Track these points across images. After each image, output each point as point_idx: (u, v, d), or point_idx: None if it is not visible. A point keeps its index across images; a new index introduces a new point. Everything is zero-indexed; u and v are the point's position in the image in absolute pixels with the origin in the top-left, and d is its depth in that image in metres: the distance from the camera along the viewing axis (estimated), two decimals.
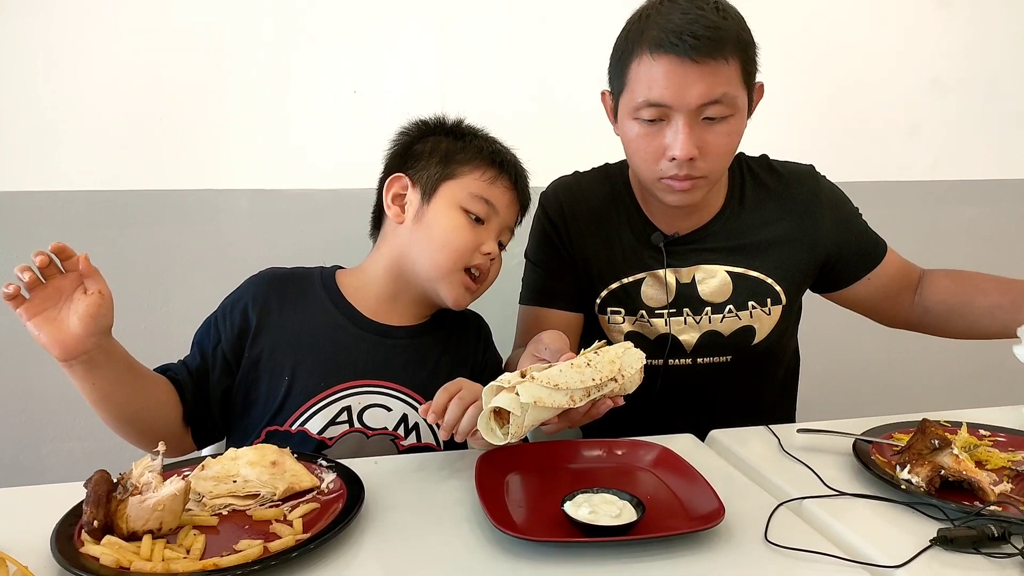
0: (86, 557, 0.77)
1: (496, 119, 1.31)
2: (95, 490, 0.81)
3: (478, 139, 1.27)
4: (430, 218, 1.21)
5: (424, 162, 1.24)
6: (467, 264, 1.21)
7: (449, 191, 1.21)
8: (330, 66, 1.91)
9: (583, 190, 1.41)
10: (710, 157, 1.19)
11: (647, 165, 1.23)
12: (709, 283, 1.34)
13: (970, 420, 1.15)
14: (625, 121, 1.24)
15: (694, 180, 1.21)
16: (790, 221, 1.35)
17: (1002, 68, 2.42)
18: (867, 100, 2.33)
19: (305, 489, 0.95)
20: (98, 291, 0.98)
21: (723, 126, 1.19)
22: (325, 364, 1.20)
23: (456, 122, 1.30)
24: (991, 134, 2.45)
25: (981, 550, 0.82)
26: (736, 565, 0.81)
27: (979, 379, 2.56)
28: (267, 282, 1.26)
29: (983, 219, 2.51)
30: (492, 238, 1.23)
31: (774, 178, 1.38)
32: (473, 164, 1.23)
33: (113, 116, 1.82)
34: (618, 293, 1.37)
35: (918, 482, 0.94)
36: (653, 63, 1.16)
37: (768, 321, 1.35)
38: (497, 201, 1.23)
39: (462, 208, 1.21)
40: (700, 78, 1.14)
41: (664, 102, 1.16)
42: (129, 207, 1.86)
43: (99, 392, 1.05)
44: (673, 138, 1.17)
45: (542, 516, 0.90)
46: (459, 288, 1.21)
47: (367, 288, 1.27)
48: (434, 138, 1.27)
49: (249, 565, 0.76)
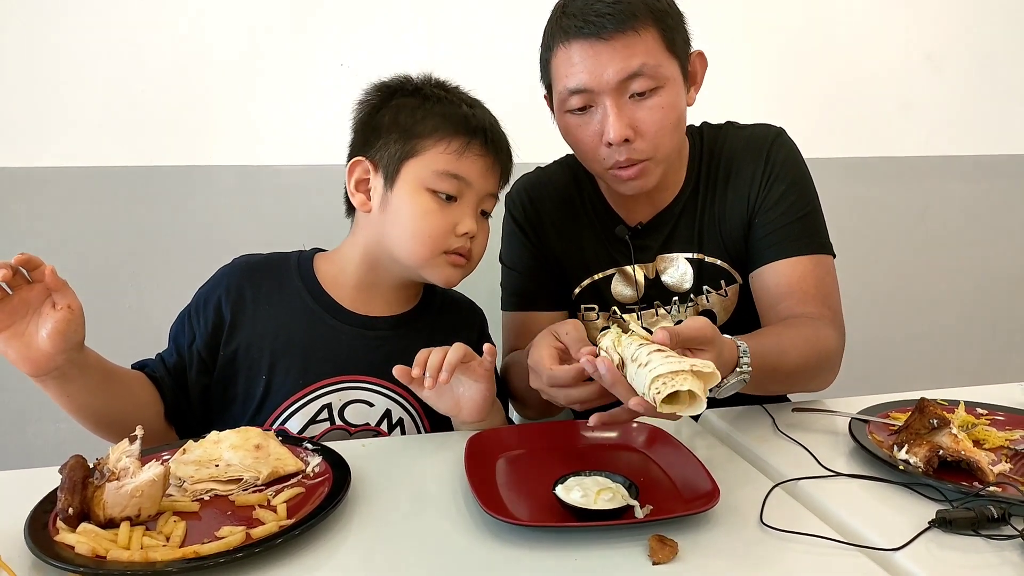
0: (61, 545, 0.75)
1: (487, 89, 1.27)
2: (70, 476, 0.78)
3: (442, 103, 1.15)
4: (396, 205, 1.13)
5: (383, 139, 1.14)
6: (444, 249, 1.13)
7: (412, 172, 1.12)
8: (317, 39, 1.87)
9: (547, 185, 1.38)
10: (647, 136, 1.15)
11: (590, 156, 1.20)
12: (672, 273, 1.32)
13: (968, 399, 1.14)
14: (559, 117, 1.21)
15: (639, 164, 1.17)
16: (738, 190, 1.29)
17: (996, 43, 2.40)
18: (861, 76, 2.31)
19: (290, 473, 0.92)
20: (67, 305, 0.92)
21: (653, 100, 1.14)
22: (303, 361, 1.15)
23: (421, 82, 1.19)
24: (984, 109, 2.44)
25: (980, 532, 0.80)
26: (731, 548, 0.80)
27: (976, 357, 2.57)
28: (240, 273, 1.20)
29: (976, 194, 2.50)
30: (468, 215, 1.14)
31: (729, 146, 1.31)
32: (436, 136, 1.12)
33: (93, 91, 1.78)
34: (590, 289, 1.35)
35: (916, 462, 0.92)
36: (568, 51, 1.14)
37: (727, 303, 1.33)
38: (468, 173, 1.13)
39: (429, 190, 1.12)
40: (613, 54, 1.11)
41: (584, 86, 1.13)
42: (113, 184, 1.83)
43: (75, 403, 1.01)
44: (603, 122, 1.14)
45: (533, 500, 0.88)
46: (445, 269, 1.15)
47: (344, 276, 1.21)
48: (395, 105, 1.16)
49: (231, 552, 0.74)
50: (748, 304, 1.31)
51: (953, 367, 2.54)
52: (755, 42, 2.18)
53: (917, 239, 2.47)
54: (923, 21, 2.33)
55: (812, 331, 1.15)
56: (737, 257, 1.30)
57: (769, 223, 1.25)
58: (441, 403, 1.09)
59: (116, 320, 1.84)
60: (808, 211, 1.27)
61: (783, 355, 1.06)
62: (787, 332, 1.14)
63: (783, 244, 1.24)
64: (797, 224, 1.25)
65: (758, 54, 2.16)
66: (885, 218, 1.32)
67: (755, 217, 1.27)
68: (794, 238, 1.24)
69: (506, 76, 1.96)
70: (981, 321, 2.57)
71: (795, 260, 1.23)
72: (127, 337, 1.16)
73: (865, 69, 2.31)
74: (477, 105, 1.18)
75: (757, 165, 1.27)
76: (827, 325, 1.18)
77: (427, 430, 1.18)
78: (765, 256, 1.25)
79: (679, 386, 0.78)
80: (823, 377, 1.19)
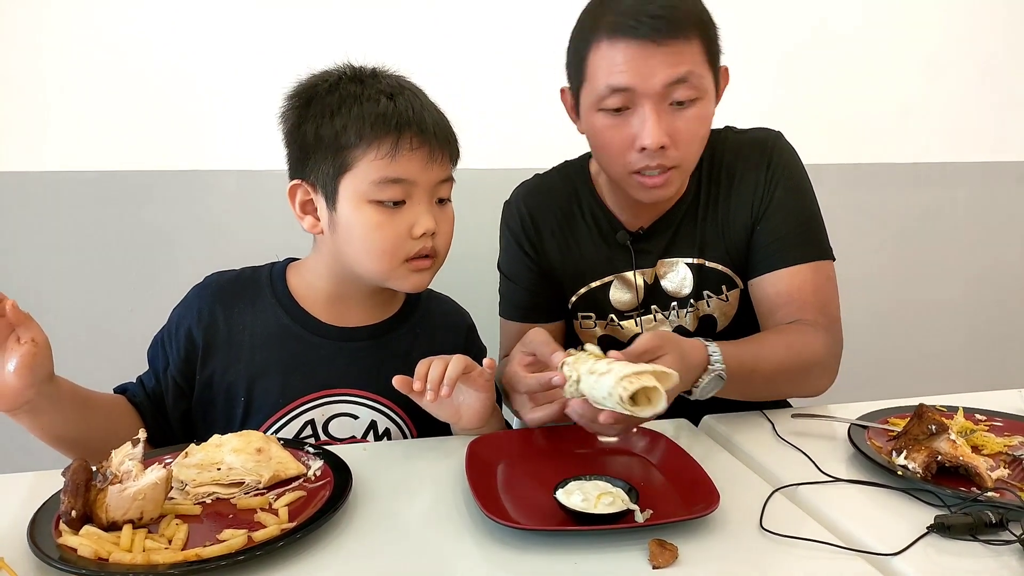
0: (64, 548, 0.75)
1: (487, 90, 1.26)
2: (73, 479, 0.78)
3: (360, 102, 1.05)
4: (343, 223, 1.07)
5: (312, 158, 1.07)
6: (404, 257, 1.07)
7: (350, 187, 1.05)
8: (319, 41, 1.87)
9: (546, 194, 1.37)
10: (682, 144, 1.14)
11: (617, 159, 1.17)
12: (672, 278, 1.31)
13: (966, 405, 1.14)
14: (589, 115, 1.18)
15: (667, 172, 1.16)
16: (739, 196, 1.28)
17: (995, 50, 2.41)
18: (859, 82, 2.32)
19: (291, 477, 0.93)
20: (31, 339, 0.91)
21: (692, 110, 1.14)
22: (282, 379, 1.12)
23: (335, 80, 1.08)
24: (984, 116, 2.45)
25: (978, 537, 0.81)
26: (731, 553, 0.80)
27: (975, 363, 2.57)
28: (212, 294, 1.16)
29: (975, 201, 2.51)
30: (422, 213, 1.06)
31: (731, 151, 1.30)
32: (363, 144, 1.03)
33: (94, 95, 1.79)
34: (587, 297, 1.34)
35: (914, 468, 0.92)
36: (612, 49, 1.11)
37: (727, 308, 1.32)
38: (408, 172, 1.04)
39: (372, 201, 1.04)
40: (663, 59, 1.09)
41: (628, 86, 1.11)
42: (113, 188, 1.83)
43: (49, 434, 1.01)
44: (641, 126, 1.12)
45: (534, 504, 0.89)
46: (410, 278, 1.09)
47: (316, 289, 1.16)
48: (314, 115, 1.07)
49: (233, 555, 0.74)
50: (749, 309, 1.31)
51: (951, 373, 2.54)
52: (754, 48, 2.19)
53: (916, 246, 2.47)
54: (922, 28, 2.34)
55: (796, 336, 1.17)
56: (739, 262, 1.30)
57: (771, 231, 1.26)
58: (441, 412, 1.08)
59: (117, 325, 1.84)
60: (808, 215, 1.28)
61: (760, 359, 1.09)
62: (769, 337, 1.19)
63: (784, 252, 1.24)
64: (798, 231, 1.26)
65: (757, 61, 2.16)
66: (884, 224, 1.32)
67: (758, 223, 1.27)
68: (795, 245, 1.25)
69: (507, 78, 1.98)
70: (980, 327, 2.58)
71: (795, 269, 1.23)
72: (127, 342, 1.15)
73: (864, 75, 2.32)
74: (399, 92, 1.07)
75: (760, 170, 1.27)
76: (817, 331, 1.19)
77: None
78: (766, 264, 1.26)
79: (645, 382, 0.83)
80: (810, 382, 1.20)
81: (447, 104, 1.15)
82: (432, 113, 1.09)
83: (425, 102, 1.10)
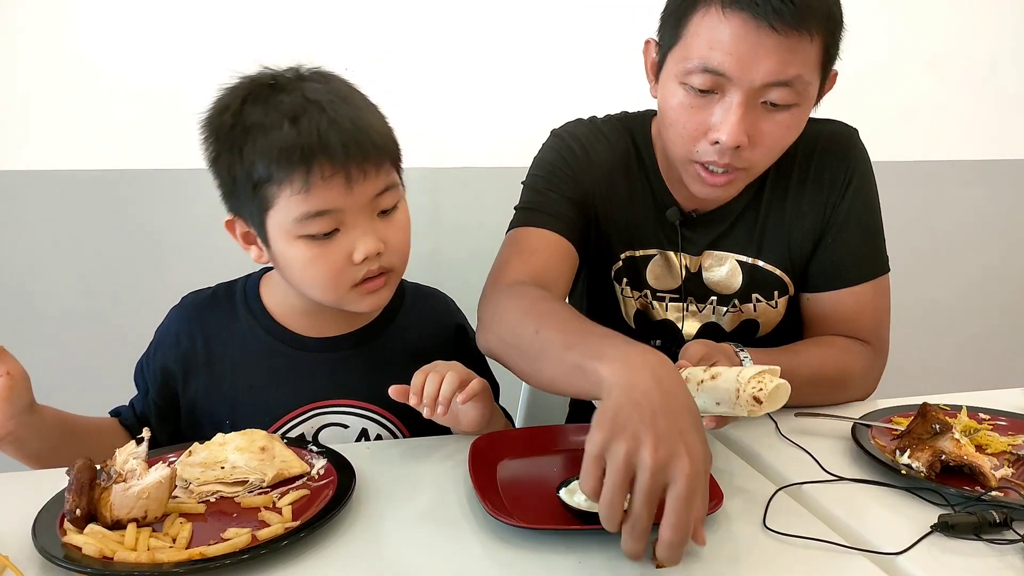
0: (69, 546, 0.75)
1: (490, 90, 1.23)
2: (77, 477, 0.79)
3: (264, 132, 0.94)
4: (281, 260, 1.01)
5: (237, 196, 1.00)
6: (350, 284, 1.01)
7: (276, 225, 0.98)
8: (321, 43, 1.87)
9: (604, 141, 1.23)
10: (760, 149, 1.03)
11: (683, 142, 1.06)
12: (716, 271, 1.22)
13: (970, 404, 1.14)
14: (669, 83, 1.05)
15: (733, 173, 1.05)
16: (812, 197, 1.19)
17: (999, 49, 2.40)
18: (862, 80, 2.30)
19: (295, 475, 0.93)
20: (7, 372, 0.90)
21: (785, 116, 1.02)
22: (266, 398, 1.09)
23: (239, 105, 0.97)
24: (987, 115, 2.44)
25: (982, 536, 0.81)
26: (734, 552, 0.80)
27: (978, 362, 2.56)
28: (188, 319, 1.13)
29: (979, 199, 2.50)
30: (360, 237, 0.98)
31: (805, 144, 1.18)
32: (275, 181, 0.94)
33: (92, 93, 1.79)
34: (629, 264, 1.25)
35: (918, 467, 0.92)
36: (722, 20, 0.97)
37: (773, 315, 1.25)
38: (330, 203, 0.95)
39: (302, 237, 0.97)
40: (774, 52, 0.96)
41: (723, 71, 0.98)
42: (111, 187, 1.84)
43: (37, 461, 1.00)
44: (722, 118, 1.00)
45: (537, 503, 0.88)
46: (364, 300, 1.03)
47: (291, 303, 1.11)
48: (226, 149, 0.98)
49: (237, 554, 0.74)
50: (794, 319, 1.25)
51: (955, 372, 2.54)
52: None
53: (918, 244, 2.47)
54: (925, 26, 2.33)
55: (837, 352, 1.16)
56: (798, 268, 1.22)
57: (841, 244, 1.19)
58: (439, 419, 1.06)
59: (115, 325, 1.85)
60: (877, 228, 1.23)
61: (793, 374, 0.96)
62: (809, 349, 1.16)
63: (850, 271, 1.20)
64: (866, 246, 1.21)
65: None
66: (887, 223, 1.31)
67: (827, 233, 1.20)
68: (861, 263, 1.20)
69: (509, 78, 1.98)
70: (983, 326, 2.57)
71: (859, 289, 1.20)
72: (126, 343, 1.15)
73: (866, 74, 2.31)
74: (303, 111, 0.95)
75: (838, 171, 1.19)
76: (863, 350, 1.19)
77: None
78: (829, 282, 1.20)
79: (776, 381, 0.85)
80: (841, 396, 1.18)
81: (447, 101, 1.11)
82: (345, 126, 0.95)
83: (336, 114, 0.95)
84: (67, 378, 1.14)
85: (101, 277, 1.87)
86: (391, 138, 1.03)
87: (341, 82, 1.03)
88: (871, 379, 1.22)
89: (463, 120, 1.90)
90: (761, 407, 0.85)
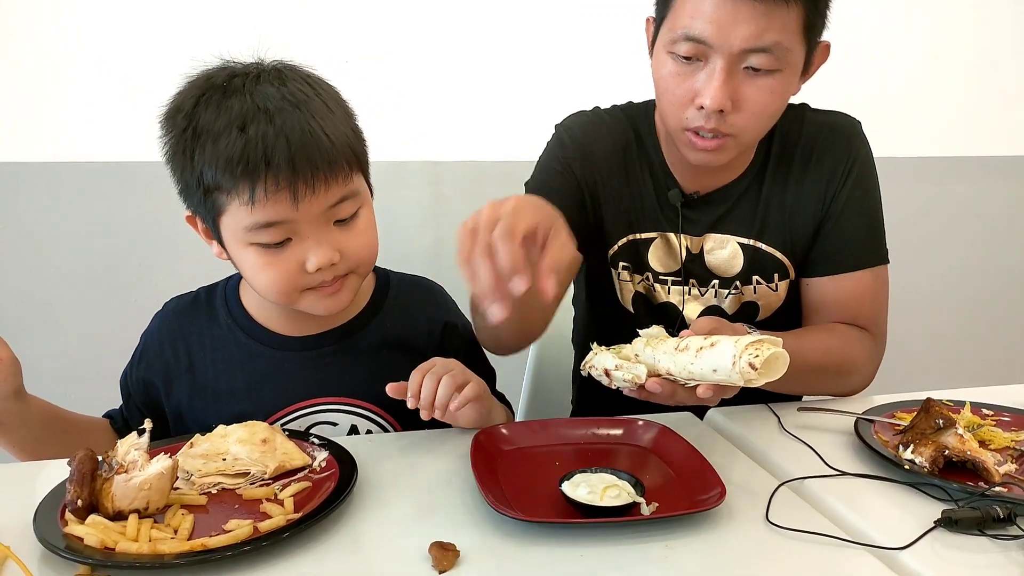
0: (70, 537, 0.75)
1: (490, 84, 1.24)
2: (79, 468, 0.78)
3: (214, 139, 0.92)
4: (236, 262, 1.01)
5: (191, 198, 0.99)
6: (303, 289, 0.99)
7: (228, 229, 0.97)
8: (323, 38, 1.87)
9: (605, 127, 1.27)
10: (744, 113, 1.06)
11: (673, 109, 1.10)
12: (718, 254, 1.24)
13: (973, 399, 1.14)
14: (660, 54, 1.10)
15: (722, 139, 1.09)
16: (813, 182, 1.22)
17: (1000, 44, 2.40)
18: (863, 76, 2.30)
19: (296, 467, 0.93)
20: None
21: (767, 80, 1.05)
22: (250, 401, 1.08)
23: (192, 106, 0.95)
24: (988, 110, 2.44)
25: (986, 532, 0.81)
26: (737, 547, 0.80)
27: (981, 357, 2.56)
28: (169, 325, 1.13)
29: (981, 195, 2.50)
30: (311, 248, 0.95)
31: (809, 131, 1.23)
32: (225, 189, 0.93)
33: (101, 86, 1.78)
34: (629, 248, 1.26)
35: (921, 462, 0.92)
36: None
37: (774, 298, 1.26)
38: (279, 214, 0.92)
39: (253, 244, 0.95)
40: (751, 17, 1.00)
41: (704, 38, 1.02)
42: (119, 179, 1.84)
43: (23, 452, 1.00)
44: (706, 83, 1.04)
45: (539, 496, 0.88)
46: (322, 302, 1.01)
47: (267, 303, 1.08)
48: (180, 152, 0.96)
49: (239, 546, 0.75)
50: (793, 303, 1.27)
51: (958, 368, 2.54)
52: None
53: (921, 240, 2.46)
54: (926, 21, 2.33)
55: (840, 340, 1.17)
56: (799, 252, 1.24)
57: (840, 231, 1.21)
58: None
59: (122, 316, 1.84)
60: (877, 217, 1.25)
61: (798, 357, 0.97)
62: (813, 335, 1.17)
63: (849, 257, 1.21)
64: (866, 234, 1.22)
65: None
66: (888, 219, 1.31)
67: (828, 219, 1.22)
68: (861, 250, 1.22)
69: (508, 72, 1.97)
70: (986, 322, 2.57)
71: (858, 275, 1.21)
72: (133, 334, 1.15)
73: (868, 70, 2.30)
74: (253, 118, 0.92)
75: (839, 160, 1.21)
76: (864, 338, 1.20)
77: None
78: (829, 266, 1.22)
79: (773, 349, 0.84)
80: (843, 385, 1.19)
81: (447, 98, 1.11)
82: (293, 138, 0.91)
83: (285, 124, 0.92)
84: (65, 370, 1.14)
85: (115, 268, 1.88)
86: (351, 144, 0.98)
87: (300, 83, 0.98)
88: (872, 368, 1.23)
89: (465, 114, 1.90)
90: (758, 375, 0.83)
